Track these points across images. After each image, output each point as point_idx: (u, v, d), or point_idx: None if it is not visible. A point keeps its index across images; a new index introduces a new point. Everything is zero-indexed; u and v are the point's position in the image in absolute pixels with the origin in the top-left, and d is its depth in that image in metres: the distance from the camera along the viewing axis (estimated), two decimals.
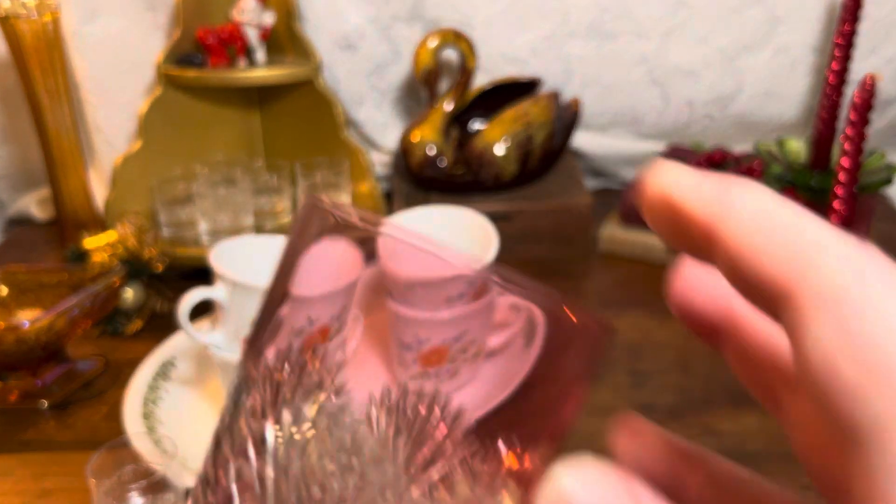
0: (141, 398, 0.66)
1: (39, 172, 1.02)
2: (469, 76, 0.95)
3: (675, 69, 1.03)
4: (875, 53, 1.00)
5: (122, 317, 0.80)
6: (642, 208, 0.18)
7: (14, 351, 0.67)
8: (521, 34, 1.02)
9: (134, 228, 0.81)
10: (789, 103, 1.04)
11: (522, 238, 0.93)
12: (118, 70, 0.95)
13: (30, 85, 0.85)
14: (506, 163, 0.92)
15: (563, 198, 0.93)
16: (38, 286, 0.76)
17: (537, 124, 0.91)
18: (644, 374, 0.73)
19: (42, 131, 0.87)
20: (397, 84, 1.06)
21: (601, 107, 1.06)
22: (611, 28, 1.01)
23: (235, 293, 0.59)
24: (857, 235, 0.14)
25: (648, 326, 0.80)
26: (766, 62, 1.02)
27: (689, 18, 1.00)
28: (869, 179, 0.87)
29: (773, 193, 0.15)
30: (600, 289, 0.88)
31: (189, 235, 0.90)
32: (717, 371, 0.73)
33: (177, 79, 0.89)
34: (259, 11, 0.89)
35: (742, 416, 0.67)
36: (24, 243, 1.03)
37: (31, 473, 0.62)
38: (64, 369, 0.73)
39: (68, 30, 0.91)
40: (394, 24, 1.01)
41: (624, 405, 0.69)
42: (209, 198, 0.88)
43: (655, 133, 1.08)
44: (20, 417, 0.69)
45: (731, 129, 1.07)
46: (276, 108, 1.00)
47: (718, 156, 0.92)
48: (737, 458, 0.69)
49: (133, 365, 0.72)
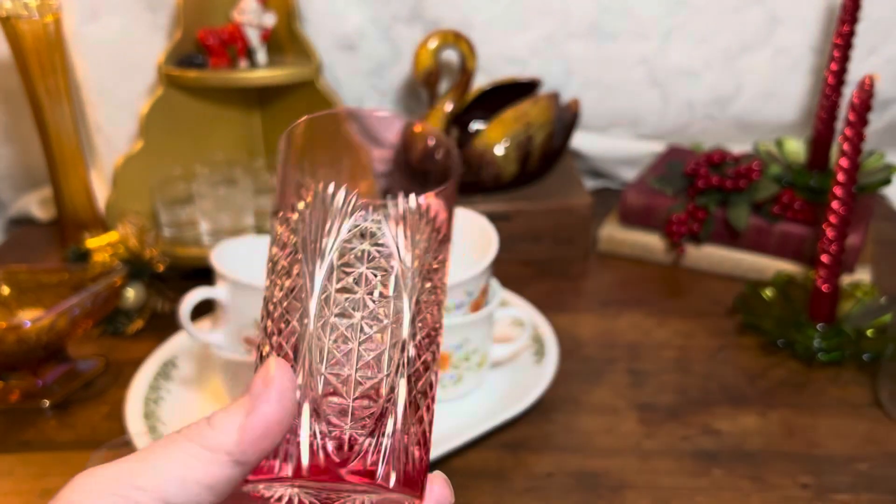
0: (142, 398, 0.67)
1: (40, 172, 1.02)
2: (469, 77, 0.95)
3: (674, 70, 1.03)
4: (874, 54, 1.00)
5: (122, 317, 0.81)
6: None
7: (15, 351, 0.67)
8: (521, 35, 1.02)
9: (135, 228, 0.81)
10: (788, 104, 1.04)
11: (522, 238, 0.93)
12: (119, 71, 0.95)
13: (31, 85, 0.85)
14: (506, 163, 0.92)
15: (563, 198, 0.93)
16: (38, 286, 0.77)
17: (537, 125, 0.92)
18: (643, 374, 0.73)
19: (43, 132, 0.87)
20: (397, 84, 1.06)
21: (601, 107, 1.06)
22: (611, 28, 1.01)
23: (236, 293, 0.60)
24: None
25: (647, 326, 0.80)
26: (765, 63, 1.02)
27: (688, 19, 1.00)
28: (867, 180, 0.88)
29: None
30: (599, 289, 0.88)
31: (190, 235, 0.90)
32: (715, 371, 0.73)
33: (178, 79, 0.89)
34: (260, 12, 0.90)
35: (741, 416, 0.67)
36: (25, 243, 1.03)
37: (32, 473, 0.63)
38: (65, 369, 0.73)
39: (69, 30, 0.91)
40: (394, 24, 1.02)
41: (623, 404, 0.69)
42: (210, 198, 0.88)
43: (655, 133, 1.08)
44: (21, 417, 0.69)
45: (731, 130, 1.07)
46: (277, 108, 1.00)
47: (718, 156, 0.92)
48: (735, 458, 0.69)
49: (134, 365, 0.72)
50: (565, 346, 0.76)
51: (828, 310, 0.74)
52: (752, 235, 0.88)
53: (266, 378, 0.27)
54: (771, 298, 0.80)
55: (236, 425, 0.27)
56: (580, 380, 0.72)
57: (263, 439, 0.27)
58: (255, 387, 0.27)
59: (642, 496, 0.59)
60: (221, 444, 0.26)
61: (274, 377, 0.27)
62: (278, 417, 0.27)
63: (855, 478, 0.60)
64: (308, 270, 0.28)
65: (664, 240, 0.92)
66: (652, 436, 0.65)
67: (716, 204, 0.89)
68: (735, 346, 0.77)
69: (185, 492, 0.26)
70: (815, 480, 0.60)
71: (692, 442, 0.64)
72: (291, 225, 0.29)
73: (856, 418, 0.67)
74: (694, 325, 0.80)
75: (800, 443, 0.64)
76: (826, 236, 0.72)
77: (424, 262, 0.29)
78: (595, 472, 0.61)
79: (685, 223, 0.89)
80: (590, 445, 0.64)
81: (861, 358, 0.72)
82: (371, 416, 0.28)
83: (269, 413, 0.27)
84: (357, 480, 0.27)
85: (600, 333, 0.79)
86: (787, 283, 0.81)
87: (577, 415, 0.68)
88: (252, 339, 0.60)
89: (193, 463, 0.26)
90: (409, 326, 0.29)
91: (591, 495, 0.59)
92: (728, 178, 0.89)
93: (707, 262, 0.90)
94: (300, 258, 0.28)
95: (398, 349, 0.28)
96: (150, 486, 0.26)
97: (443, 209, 0.29)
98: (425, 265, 0.29)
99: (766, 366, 0.74)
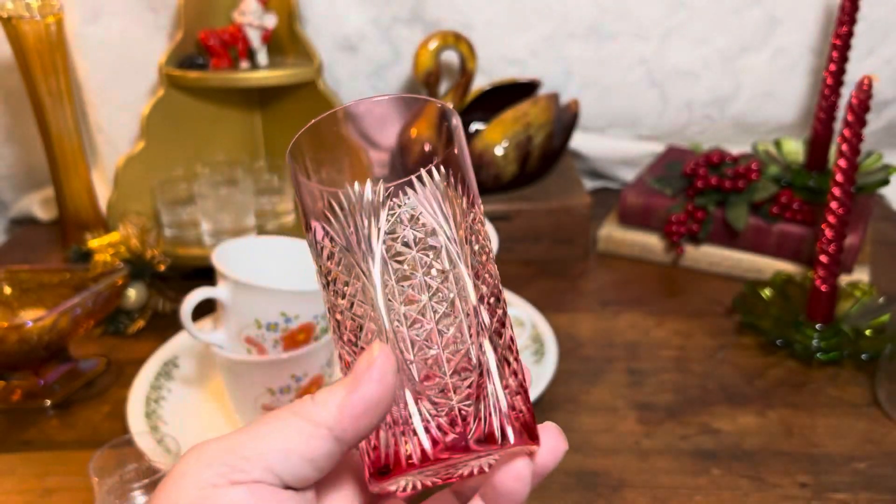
0: (143, 397, 0.67)
1: (42, 173, 1.02)
2: (469, 77, 0.96)
3: (673, 70, 1.03)
4: (872, 55, 1.00)
5: (124, 316, 0.81)
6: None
7: (17, 350, 0.67)
8: (520, 36, 1.02)
9: (136, 229, 0.81)
10: (787, 104, 1.04)
11: (522, 238, 0.93)
12: (120, 71, 0.95)
13: (33, 86, 0.85)
14: (505, 163, 0.92)
15: (563, 198, 0.94)
16: (40, 286, 0.77)
17: (537, 125, 0.92)
18: (642, 374, 0.73)
19: (45, 132, 0.88)
20: (398, 85, 1.06)
21: (600, 108, 1.06)
22: (610, 29, 1.01)
23: (237, 293, 0.60)
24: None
25: (646, 326, 0.81)
26: (764, 63, 1.02)
27: (687, 20, 1.01)
28: (866, 180, 0.88)
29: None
30: (599, 288, 0.89)
31: (191, 235, 0.90)
32: (714, 370, 0.73)
33: (179, 80, 0.89)
34: (260, 13, 0.90)
35: (739, 416, 0.67)
36: (26, 243, 1.03)
37: (34, 472, 0.63)
38: (66, 369, 0.74)
39: (71, 31, 0.91)
40: (394, 25, 1.02)
41: (623, 404, 0.69)
42: (211, 198, 0.89)
43: (654, 134, 1.08)
44: (23, 416, 0.70)
45: (730, 130, 1.07)
46: (278, 108, 1.01)
47: (717, 156, 0.93)
48: (734, 457, 0.69)
49: (135, 364, 0.72)
50: (564, 346, 0.76)
51: (826, 310, 0.74)
52: (750, 235, 0.88)
53: (369, 360, 0.28)
54: (769, 298, 0.80)
55: (337, 403, 0.28)
56: (579, 379, 0.72)
57: (363, 417, 0.28)
58: (359, 368, 0.28)
59: (641, 495, 0.59)
60: (322, 420, 0.28)
61: (376, 359, 0.28)
62: (379, 397, 0.28)
63: (853, 477, 0.60)
64: (364, 270, 0.29)
65: (663, 240, 0.92)
66: (651, 435, 0.65)
67: (714, 204, 0.90)
68: (734, 345, 0.77)
69: (287, 463, 0.28)
70: (813, 480, 0.60)
71: (691, 441, 0.64)
72: (330, 234, 0.29)
73: (854, 418, 0.67)
74: (693, 325, 0.80)
75: (798, 442, 0.64)
76: (824, 236, 0.73)
77: (464, 226, 0.30)
78: (594, 471, 0.61)
79: (684, 223, 0.89)
80: (589, 445, 0.64)
81: (859, 357, 0.72)
82: (470, 385, 0.29)
83: (370, 392, 0.28)
84: (482, 448, 0.28)
85: (599, 333, 0.79)
86: (786, 283, 0.81)
87: (577, 414, 0.68)
88: (253, 339, 0.61)
89: (295, 436, 0.28)
90: (474, 291, 0.30)
91: (591, 494, 0.59)
92: (727, 178, 0.90)
93: (706, 262, 0.91)
94: (352, 261, 0.29)
95: (473, 315, 0.29)
96: (255, 455, 0.28)
97: (461, 171, 0.30)
98: (466, 230, 0.30)
99: (764, 365, 0.74)
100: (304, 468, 0.28)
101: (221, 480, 0.27)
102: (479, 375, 0.29)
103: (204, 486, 0.27)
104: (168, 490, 0.28)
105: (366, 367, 0.28)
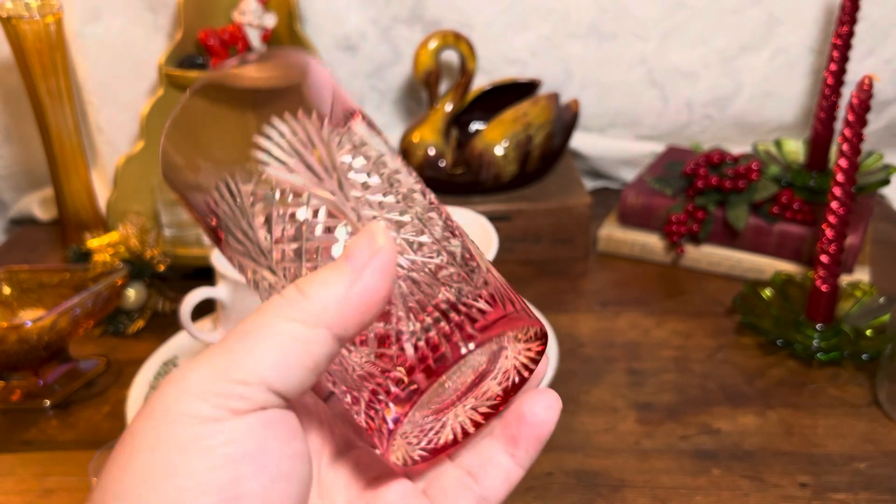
0: (143, 397, 0.67)
1: (42, 173, 1.02)
2: (469, 77, 0.96)
3: (674, 70, 1.03)
4: (873, 54, 1.00)
5: (123, 316, 0.81)
6: None
7: (16, 350, 0.67)
8: (520, 35, 1.02)
9: (136, 228, 0.81)
10: (788, 104, 1.04)
11: (522, 238, 0.93)
12: (120, 71, 0.95)
13: (32, 86, 0.85)
14: (505, 163, 0.92)
15: (563, 198, 0.94)
16: (40, 286, 0.77)
17: (537, 125, 0.92)
18: (642, 374, 0.73)
19: (44, 132, 0.88)
20: (398, 85, 1.06)
21: (600, 108, 1.06)
22: (610, 29, 1.01)
23: (237, 293, 0.60)
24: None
25: (646, 326, 0.81)
26: (764, 63, 1.02)
27: (688, 19, 1.01)
28: (866, 180, 0.88)
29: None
30: (599, 288, 0.89)
31: (190, 236, 0.90)
32: (714, 370, 0.73)
33: (178, 80, 0.89)
34: (260, 13, 0.90)
35: (739, 416, 0.67)
36: (26, 243, 1.03)
37: (33, 473, 0.63)
38: (66, 369, 0.74)
39: (70, 31, 0.91)
40: (394, 25, 1.02)
41: (623, 404, 0.69)
42: None
43: (654, 134, 1.08)
44: (22, 417, 0.70)
45: (730, 130, 1.07)
46: None
47: (717, 156, 0.93)
48: (734, 457, 0.70)
49: (135, 364, 0.72)
50: (564, 346, 0.76)
51: (826, 310, 0.74)
52: (751, 235, 0.88)
53: (371, 246, 0.24)
54: (770, 298, 0.80)
55: (337, 297, 0.24)
56: (579, 379, 0.72)
57: (366, 313, 0.24)
58: (359, 255, 0.24)
59: (641, 495, 0.59)
60: (320, 318, 0.24)
61: (382, 247, 0.24)
62: (385, 291, 0.24)
63: (853, 477, 0.60)
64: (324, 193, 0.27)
65: (663, 240, 0.92)
66: (651, 435, 0.65)
67: (715, 204, 0.90)
68: (734, 345, 0.77)
69: (289, 377, 0.24)
70: (813, 480, 0.60)
71: (691, 441, 0.64)
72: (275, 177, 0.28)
73: (854, 418, 0.67)
74: (693, 325, 0.80)
75: (798, 442, 0.64)
76: (825, 236, 0.73)
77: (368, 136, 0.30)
78: (594, 471, 0.61)
79: (684, 223, 0.89)
80: (589, 445, 0.64)
81: (860, 358, 0.72)
82: (460, 279, 0.27)
83: (374, 285, 0.24)
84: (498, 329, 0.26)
85: (599, 333, 0.79)
86: (786, 283, 0.81)
87: (577, 414, 0.68)
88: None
89: (292, 345, 0.24)
90: (421, 197, 0.29)
91: (591, 494, 0.59)
92: (727, 178, 0.90)
93: (706, 262, 0.91)
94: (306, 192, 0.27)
95: (438, 217, 0.28)
96: (251, 377, 0.23)
97: (319, 88, 0.29)
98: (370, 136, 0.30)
99: (764, 365, 0.74)
100: (306, 378, 0.24)
101: (220, 412, 0.23)
102: (464, 268, 0.27)
103: (202, 420, 0.23)
104: (148, 431, 0.24)
105: (368, 254, 0.24)
